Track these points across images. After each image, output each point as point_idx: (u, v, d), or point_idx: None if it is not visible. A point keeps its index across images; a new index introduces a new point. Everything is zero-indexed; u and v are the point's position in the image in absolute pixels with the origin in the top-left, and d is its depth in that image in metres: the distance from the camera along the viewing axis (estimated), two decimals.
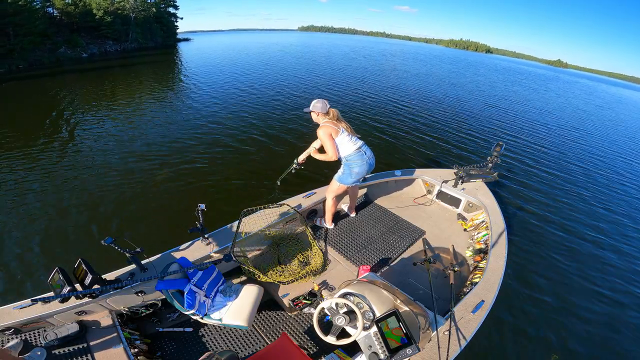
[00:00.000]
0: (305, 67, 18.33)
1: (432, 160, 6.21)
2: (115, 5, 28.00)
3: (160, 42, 35.30)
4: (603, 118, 14.20)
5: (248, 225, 2.56)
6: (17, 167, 5.03)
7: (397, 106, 10.22)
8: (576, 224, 4.56)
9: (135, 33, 30.11)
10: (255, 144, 6.29)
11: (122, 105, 8.89)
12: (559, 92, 22.51)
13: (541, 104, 15.13)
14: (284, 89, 11.45)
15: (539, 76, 37.37)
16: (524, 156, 7.05)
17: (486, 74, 27.53)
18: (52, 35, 21.51)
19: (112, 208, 4.05)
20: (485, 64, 46.02)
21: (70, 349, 1.74)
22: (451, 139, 7.53)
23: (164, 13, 37.19)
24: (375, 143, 6.68)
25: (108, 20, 26.31)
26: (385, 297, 1.60)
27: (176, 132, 6.83)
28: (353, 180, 2.64)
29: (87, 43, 25.05)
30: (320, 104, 2.48)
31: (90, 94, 10.47)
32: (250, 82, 12.59)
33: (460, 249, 2.86)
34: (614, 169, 7.15)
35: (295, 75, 14.68)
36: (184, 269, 1.91)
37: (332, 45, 47.40)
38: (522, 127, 9.63)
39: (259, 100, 9.65)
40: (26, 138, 6.22)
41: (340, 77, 15.21)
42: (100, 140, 6.25)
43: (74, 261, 1.79)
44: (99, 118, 7.71)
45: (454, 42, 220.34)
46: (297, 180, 4.69)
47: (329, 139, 2.44)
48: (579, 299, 3.20)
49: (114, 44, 28.33)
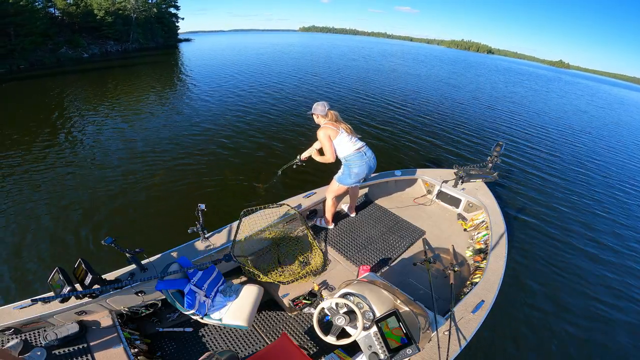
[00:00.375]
0: (305, 68, 18.32)
1: (432, 160, 6.22)
2: (116, 6, 28.08)
3: (162, 42, 35.38)
4: (604, 119, 14.17)
5: (248, 226, 2.56)
6: (17, 166, 5.04)
7: (398, 107, 10.22)
8: (577, 223, 4.55)
9: (136, 33, 30.20)
10: (255, 144, 6.29)
11: (122, 106, 8.91)
12: (560, 92, 22.43)
13: (542, 105, 15.12)
14: (282, 90, 11.45)
15: (541, 77, 37.24)
16: (524, 156, 7.05)
17: (487, 74, 27.47)
18: (54, 36, 21.59)
19: (113, 208, 4.05)
20: (487, 64, 45.82)
21: (70, 349, 1.74)
22: (451, 139, 7.53)
23: (165, 13, 37.27)
24: (375, 143, 6.68)
25: (109, 20, 26.39)
26: (385, 297, 1.60)
27: (176, 132, 6.83)
28: (353, 181, 2.64)
29: (89, 43, 25.14)
30: (320, 106, 2.51)
31: (91, 94, 10.50)
32: (249, 82, 12.59)
33: (460, 249, 2.86)
34: (615, 170, 7.14)
35: (294, 76, 14.68)
36: (184, 269, 1.92)
37: (332, 45, 47.39)
38: (522, 128, 9.63)
39: (258, 101, 9.66)
40: (27, 138, 6.22)
41: (340, 78, 15.21)
42: (101, 141, 6.26)
43: (74, 261, 1.80)
44: (100, 119, 7.72)
45: (455, 43, 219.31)
46: (297, 181, 4.70)
47: (327, 141, 2.47)
48: (579, 300, 3.20)
49: (115, 44, 28.42)
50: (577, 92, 25.08)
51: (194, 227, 2.22)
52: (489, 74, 27.68)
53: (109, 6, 26.79)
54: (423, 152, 6.52)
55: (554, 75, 50.58)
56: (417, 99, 11.90)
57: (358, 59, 27.59)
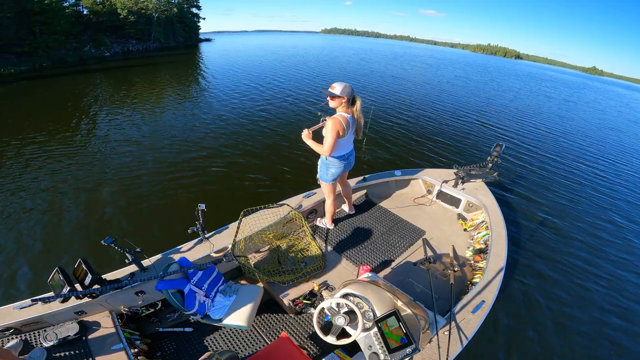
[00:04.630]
0: (320, 69, 18.14)
1: (432, 160, 6.22)
2: (139, 5, 28.35)
3: (182, 42, 35.45)
4: (612, 120, 14.04)
5: (248, 226, 2.56)
6: (18, 166, 5.04)
7: (398, 106, 10.23)
8: (577, 223, 4.56)
9: (157, 33, 30.46)
10: (257, 144, 6.30)
11: (130, 108, 8.86)
12: (596, 101, 20.78)
13: (541, 106, 15.11)
14: (294, 92, 11.34)
15: (571, 83, 35.43)
16: (524, 156, 7.06)
17: (503, 78, 26.40)
18: (79, 34, 22.02)
19: (113, 208, 4.05)
20: (515, 70, 43.13)
21: (70, 349, 1.74)
22: (451, 139, 7.54)
23: (187, 13, 37.42)
24: (375, 144, 6.69)
25: (132, 19, 26.78)
26: (385, 297, 1.60)
27: (176, 132, 6.84)
28: (330, 179, 2.58)
29: (111, 42, 25.51)
30: (344, 88, 2.09)
31: (111, 93, 10.57)
32: (261, 84, 12.53)
33: (460, 249, 2.86)
34: (618, 173, 7.14)
35: (305, 77, 14.61)
36: (184, 269, 1.91)
37: (356, 49, 45.00)
38: (522, 128, 9.64)
39: (267, 102, 9.62)
40: (26, 138, 6.22)
41: (350, 79, 15.21)
42: (101, 141, 6.27)
43: (74, 261, 1.80)
44: (101, 119, 7.72)
45: (481, 47, 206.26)
46: (297, 181, 4.70)
47: (333, 135, 2.16)
48: (580, 300, 3.20)
49: (137, 43, 28.74)
50: (610, 101, 23.39)
51: (194, 227, 2.22)
52: (509, 80, 25.73)
53: (131, 5, 27.10)
54: (423, 152, 6.52)
55: (587, 82, 47.16)
56: (421, 101, 11.91)
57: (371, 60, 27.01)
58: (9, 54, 17.02)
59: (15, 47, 17.09)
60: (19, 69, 15.79)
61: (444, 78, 20.00)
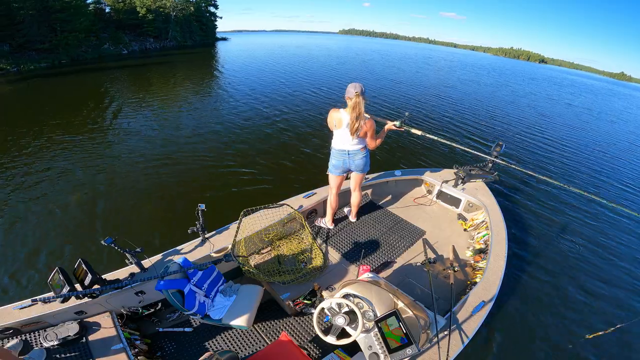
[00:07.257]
0: (332, 71, 17.99)
1: (432, 160, 6.21)
2: (157, 4, 28.71)
3: (199, 40, 35.54)
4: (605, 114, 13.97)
5: (248, 226, 2.56)
6: (19, 167, 5.04)
7: (399, 107, 10.23)
8: (578, 223, 4.55)
9: (174, 31, 30.78)
10: (259, 145, 6.30)
11: (134, 109, 8.83)
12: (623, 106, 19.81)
13: (544, 105, 15.11)
14: (303, 95, 11.19)
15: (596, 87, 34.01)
16: (524, 156, 7.05)
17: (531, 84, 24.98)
18: (99, 32, 22.28)
19: (113, 208, 4.05)
20: (542, 75, 40.61)
21: (70, 349, 1.74)
22: (451, 140, 7.53)
23: (205, 12, 37.68)
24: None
25: (150, 18, 27.22)
26: (385, 297, 1.60)
27: (177, 133, 6.84)
28: (330, 169, 2.73)
29: (129, 40, 25.83)
30: (351, 88, 2.33)
31: (127, 91, 10.66)
32: (268, 86, 12.42)
33: (460, 249, 2.86)
34: (619, 173, 7.13)
35: (315, 81, 14.46)
36: (184, 269, 1.91)
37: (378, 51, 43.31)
38: (522, 128, 9.63)
39: (275, 104, 9.55)
40: (26, 138, 6.22)
41: (358, 79, 15.18)
42: (102, 142, 6.26)
43: (74, 261, 1.80)
44: (102, 119, 7.72)
45: (504, 51, 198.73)
46: (297, 181, 4.69)
47: (329, 121, 2.52)
48: (580, 300, 3.20)
49: (154, 42, 29.07)
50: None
51: (194, 227, 2.22)
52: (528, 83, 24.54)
53: (150, 4, 27.50)
54: (423, 152, 6.52)
55: (614, 87, 44.08)
56: (420, 99, 11.91)
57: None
58: (30, 51, 17.37)
59: (36, 44, 17.43)
60: (39, 65, 16.12)
61: (449, 81, 19.79)
